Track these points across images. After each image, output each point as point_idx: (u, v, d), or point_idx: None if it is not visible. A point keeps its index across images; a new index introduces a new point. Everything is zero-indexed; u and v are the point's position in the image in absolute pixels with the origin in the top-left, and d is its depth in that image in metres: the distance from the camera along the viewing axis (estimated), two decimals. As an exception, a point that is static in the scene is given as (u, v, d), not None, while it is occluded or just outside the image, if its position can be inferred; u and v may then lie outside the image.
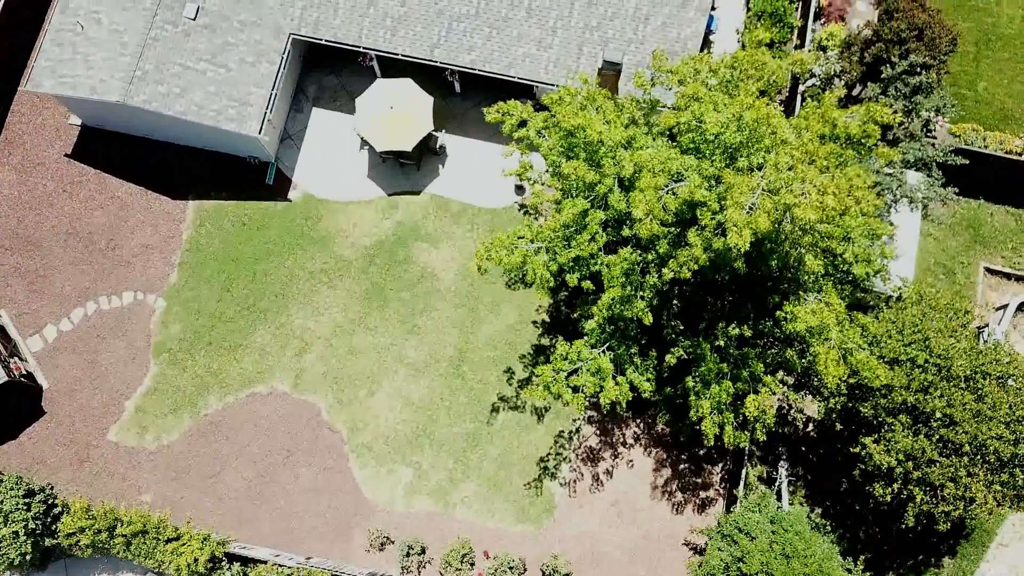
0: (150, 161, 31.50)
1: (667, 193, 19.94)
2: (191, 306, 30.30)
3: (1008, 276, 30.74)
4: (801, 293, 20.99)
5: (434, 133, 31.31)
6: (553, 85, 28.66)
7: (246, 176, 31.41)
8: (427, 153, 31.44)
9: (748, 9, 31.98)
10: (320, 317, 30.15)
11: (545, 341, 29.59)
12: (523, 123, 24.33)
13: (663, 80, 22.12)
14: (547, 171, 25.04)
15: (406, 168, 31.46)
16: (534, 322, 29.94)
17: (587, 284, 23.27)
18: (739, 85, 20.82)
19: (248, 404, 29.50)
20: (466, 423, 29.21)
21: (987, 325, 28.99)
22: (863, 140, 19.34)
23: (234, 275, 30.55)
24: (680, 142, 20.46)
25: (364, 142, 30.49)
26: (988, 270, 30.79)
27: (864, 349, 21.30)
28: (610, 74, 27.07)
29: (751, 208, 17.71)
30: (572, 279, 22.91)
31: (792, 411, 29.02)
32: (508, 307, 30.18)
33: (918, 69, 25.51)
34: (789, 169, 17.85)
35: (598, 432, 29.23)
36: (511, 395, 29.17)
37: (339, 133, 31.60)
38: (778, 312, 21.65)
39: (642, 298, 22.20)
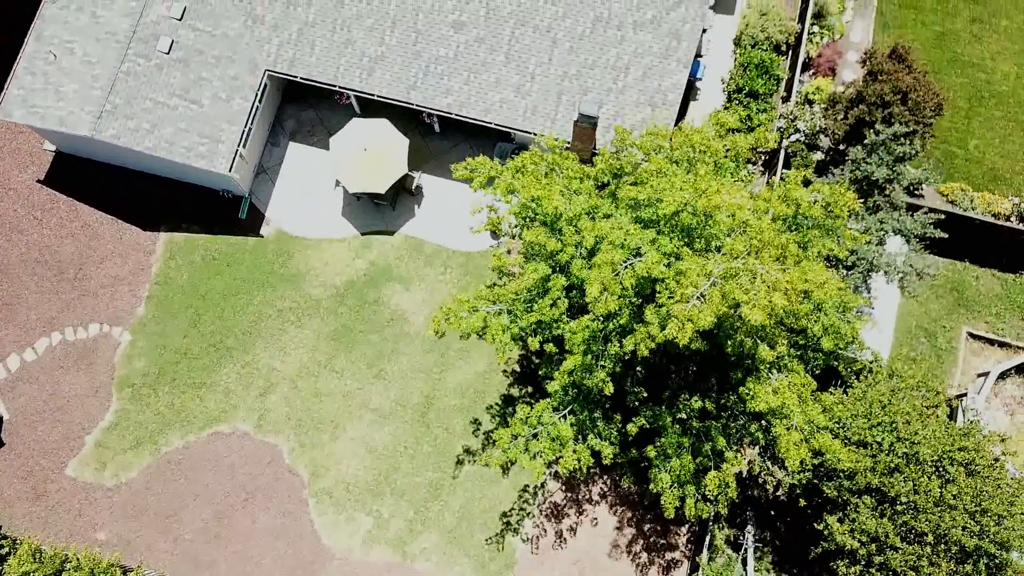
0: (123, 190, 31.10)
1: (626, 268, 19.36)
2: (157, 341, 29.88)
3: (991, 342, 30.02)
4: (763, 370, 20.38)
5: (411, 173, 30.83)
6: (530, 132, 28.16)
7: (219, 209, 30.98)
8: (403, 193, 30.94)
9: (735, 58, 31.37)
10: (287, 357, 29.68)
11: (515, 391, 29.04)
12: (493, 180, 23.79)
13: (627, 156, 21.48)
14: (517, 227, 24.53)
15: (381, 207, 30.96)
16: (504, 371, 29.39)
17: (550, 347, 22.74)
18: (695, 165, 20.20)
19: (210, 443, 29.05)
20: (429, 472, 28.68)
21: (965, 394, 28.29)
22: (827, 224, 18.72)
23: (202, 311, 30.11)
24: (640, 215, 19.88)
25: (339, 180, 30.02)
26: (971, 335, 30.05)
27: (828, 431, 20.68)
28: (586, 127, 26.50)
29: (700, 297, 17.10)
30: (534, 343, 22.38)
31: (762, 473, 28.38)
32: (478, 353, 29.63)
33: (901, 138, 24.83)
34: (744, 255, 17.23)
35: (563, 488, 28.65)
36: (476, 447, 28.63)
37: (314, 169, 31.14)
38: (741, 387, 21.05)
39: (603, 367, 21.62)
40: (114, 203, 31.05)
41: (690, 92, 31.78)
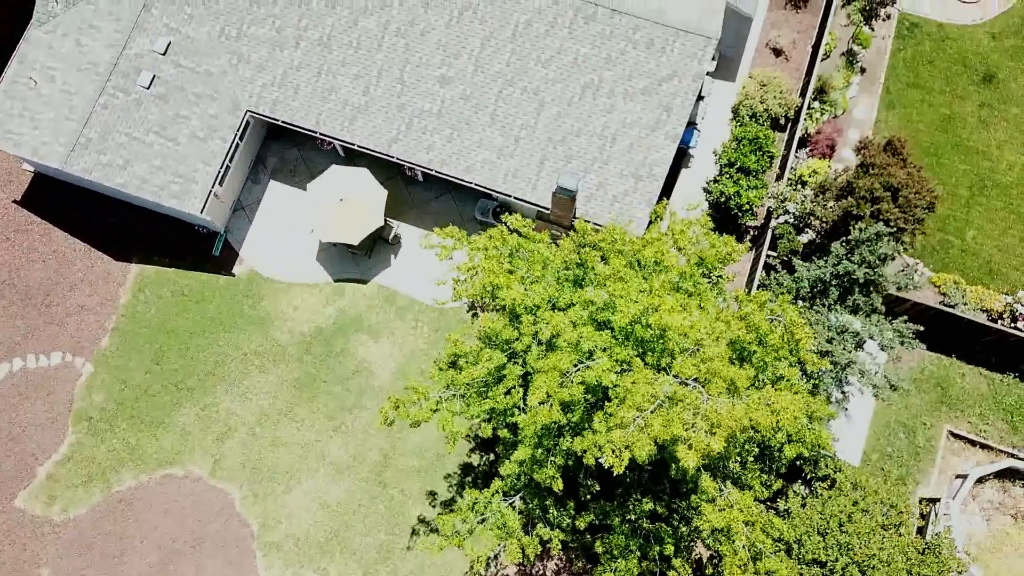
0: (99, 217, 30.63)
1: (577, 371, 18.59)
2: (118, 375, 29.39)
3: (973, 443, 28.97)
4: (711, 491, 19.54)
5: (390, 222, 30.20)
6: (509, 195, 27.43)
7: (193, 244, 30.45)
8: (380, 242, 30.29)
9: (731, 129, 30.49)
10: (247, 402, 29.10)
11: (474, 459, 28.28)
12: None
13: (587, 253, 20.63)
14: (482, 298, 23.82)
15: (356, 255, 30.33)
16: (466, 436, 28.67)
17: (504, 433, 22.03)
18: (650, 278, 19.35)
19: (162, 485, 28.51)
20: (381, 534, 28.01)
21: (939, 499, 27.28)
22: (787, 351, 17.88)
23: (166, 348, 29.60)
24: (597, 317, 19.10)
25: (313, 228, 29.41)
26: (952, 434, 29.01)
27: (777, 554, 19.83)
28: (565, 198, 25.74)
29: (641, 421, 16.30)
30: (486, 430, 21.72)
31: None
32: (443, 413, 28.94)
33: (885, 239, 23.89)
34: (692, 381, 16.44)
35: (517, 562, 27.89)
36: (430, 517, 27.90)
37: (293, 210, 30.54)
38: (692, 496, 20.26)
39: (553, 462, 20.85)
40: (89, 230, 30.61)
41: (682, 159, 30.97)
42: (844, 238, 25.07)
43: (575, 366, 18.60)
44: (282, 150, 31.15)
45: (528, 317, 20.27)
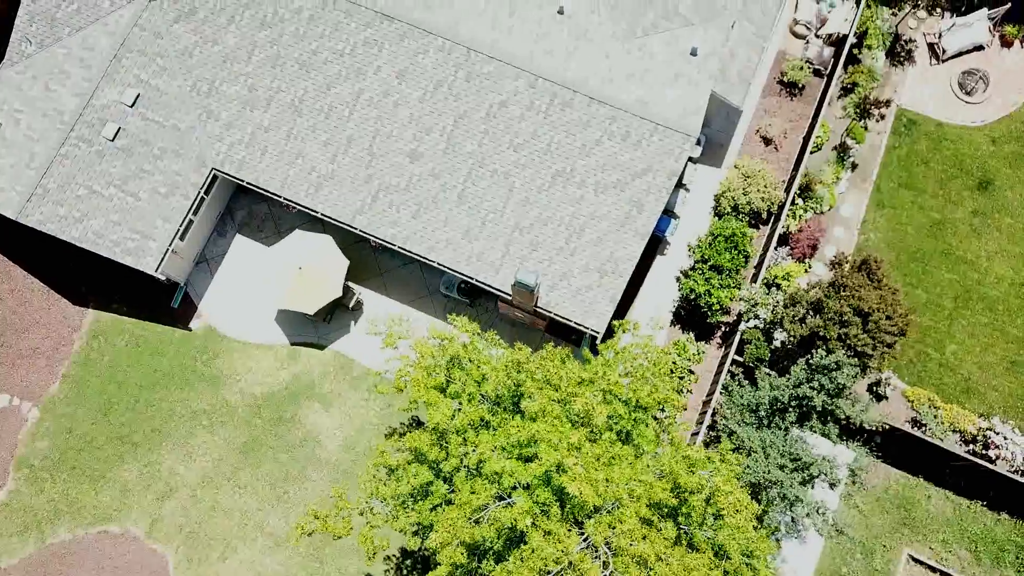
0: (60, 258, 30.16)
1: (493, 509, 17.80)
2: (64, 424, 28.90)
3: (933, 570, 27.88)
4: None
5: (352, 288, 29.54)
6: (472, 278, 26.66)
7: (153, 293, 29.89)
8: (340, 307, 29.62)
9: (710, 222, 29.57)
10: (191, 463, 28.52)
11: (414, 544, 27.52)
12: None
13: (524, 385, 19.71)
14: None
15: (314, 320, 29.68)
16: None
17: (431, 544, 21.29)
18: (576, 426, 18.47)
19: (97, 542, 27.99)
20: (313, 613, 27.41)
21: (890, 630, 26.27)
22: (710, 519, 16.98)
23: (115, 399, 29.08)
24: (523, 453, 18.29)
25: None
26: (912, 558, 27.95)
27: None
28: (524, 292, 24.95)
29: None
30: (412, 543, 21.04)
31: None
32: (389, 490, 28.24)
33: (845, 369, 22.88)
34: (604, 546, 15.61)
35: (448, 653, 27.16)
36: (362, 600, 27.30)
37: (256, 267, 29.91)
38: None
39: (475, 582, 20.11)
40: (49, 271, 30.14)
41: (657, 246, 30.06)
42: (807, 359, 24.08)
43: (494, 501, 17.82)
44: (251, 204, 30.55)
45: (456, 438, 19.51)
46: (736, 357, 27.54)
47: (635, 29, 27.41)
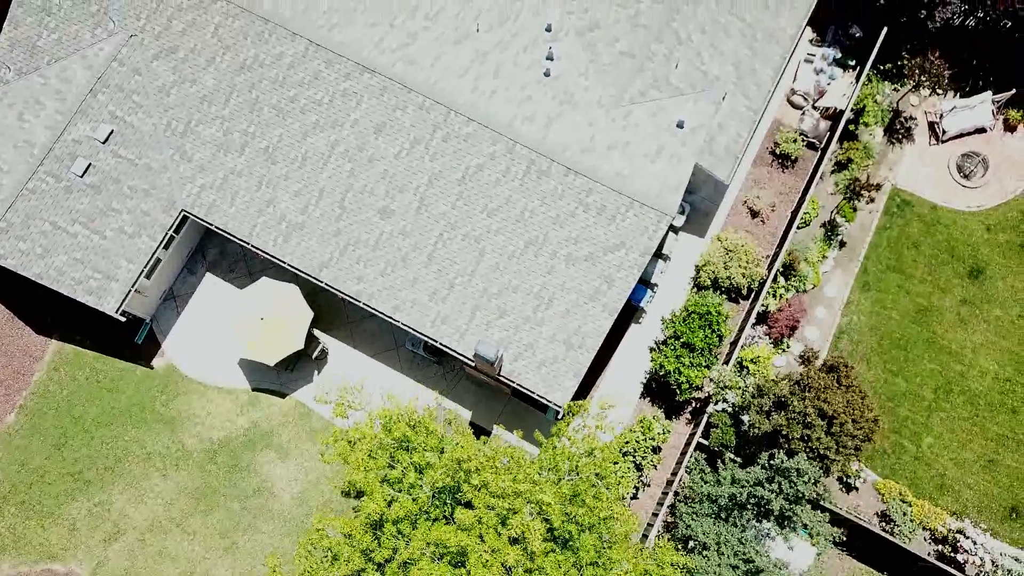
0: (30, 287, 29.66)
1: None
2: (17, 456, 28.48)
3: (890, 673, 27.07)
4: None
5: (318, 337, 29.01)
6: (436, 341, 26.04)
7: (118, 327, 29.37)
8: (304, 356, 29.07)
9: (686, 297, 28.82)
10: (142, 505, 28.04)
11: (359, 605, 27.00)
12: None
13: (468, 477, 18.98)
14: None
15: (278, 367, 29.15)
16: None
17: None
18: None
19: (40, 579, 27.62)
20: (252, 670, 26.88)
21: None
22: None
23: (71, 434, 28.65)
24: (454, 561, 17.65)
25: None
26: (871, 658, 27.15)
27: None
28: (485, 363, 24.31)
29: None
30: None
31: None
32: (340, 547, 27.66)
33: (805, 477, 22.10)
34: None
35: None
36: (302, 661, 26.68)
37: (222, 308, 29.40)
38: None
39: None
40: (15, 298, 29.73)
41: (633, 315, 29.34)
42: (769, 457, 23.30)
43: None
44: (224, 243, 30.04)
45: (391, 527, 18.90)
46: (702, 440, 26.81)
47: (623, 96, 26.71)
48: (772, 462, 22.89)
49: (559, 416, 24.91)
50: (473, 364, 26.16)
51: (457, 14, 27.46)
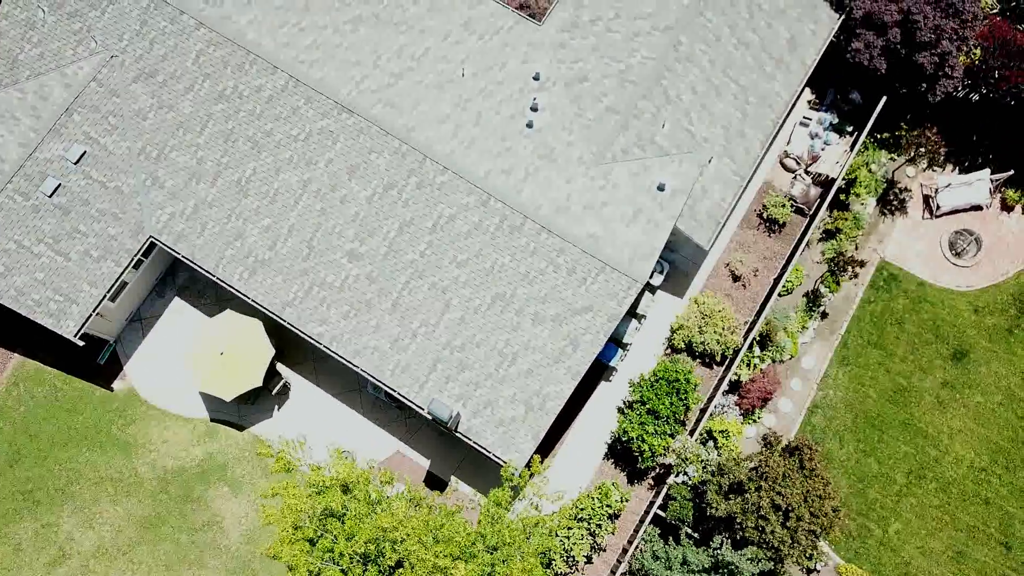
0: (-4, 296, 29.52)
1: None
2: (-31, 470, 28.24)
3: None
4: None
5: (280, 371, 28.54)
6: (394, 390, 25.48)
7: (82, 347, 29.03)
8: (264, 392, 28.60)
9: (656, 361, 28.15)
10: (89, 531, 27.64)
11: (298, 652, 26.49)
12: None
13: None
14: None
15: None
16: (298, 623, 26.86)
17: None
18: None
19: (-19, 598, 27.29)
20: None
21: None
22: None
23: (25, 452, 28.29)
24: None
25: (197, 365, 27.86)
26: None
27: None
28: (439, 423, 23.78)
29: None
30: None
31: None
32: (285, 589, 27.20)
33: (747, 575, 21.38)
34: None
35: None
36: None
37: (188, 334, 28.99)
38: None
39: None
40: (-18, 307, 29.50)
41: (603, 372, 28.69)
42: (721, 543, 22.59)
43: None
44: (195, 268, 29.62)
45: (316, 600, 18.39)
46: (660, 512, 26.14)
47: (605, 153, 26.08)
48: (718, 552, 22.17)
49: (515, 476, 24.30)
50: (430, 418, 25.63)
51: (444, 56, 26.95)
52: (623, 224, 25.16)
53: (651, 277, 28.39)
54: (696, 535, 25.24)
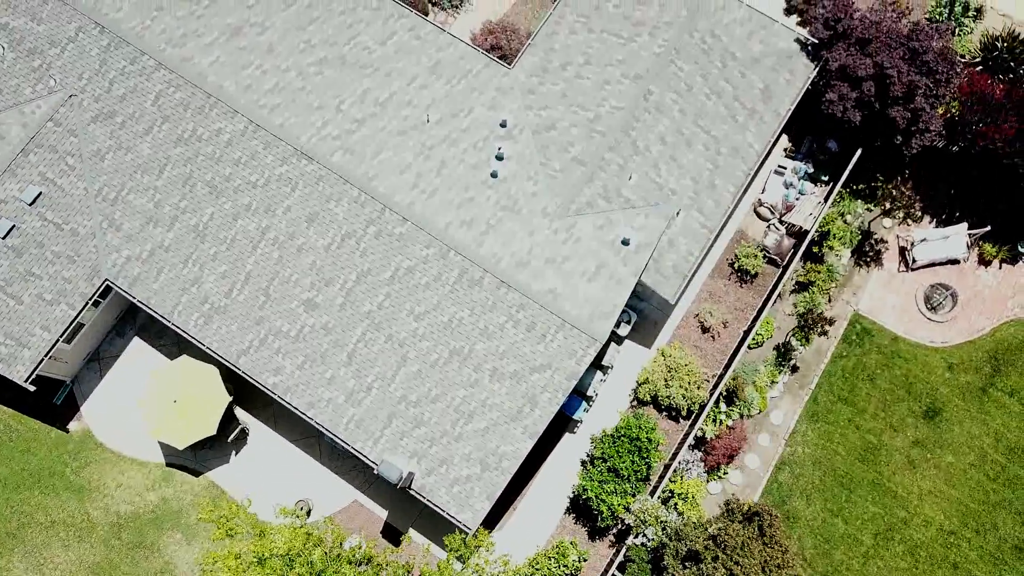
0: (-46, 331, 29.06)
1: None
2: (-81, 510, 27.76)
3: None
4: None
5: (238, 417, 28.03)
6: (347, 444, 24.97)
7: (40, 385, 28.58)
8: (221, 437, 28.09)
9: (635, 400, 27.58)
10: (39, 576, 27.21)
11: None
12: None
13: None
14: None
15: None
16: (248, 677, 26.32)
17: None
18: None
19: (-73, 643, 26.80)
20: None
21: None
22: None
23: (-24, 493, 27.89)
24: None
25: (152, 410, 27.34)
26: None
27: None
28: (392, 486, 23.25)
29: None
30: None
31: None
32: (237, 640, 26.62)
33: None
34: None
35: None
36: None
37: (145, 376, 28.47)
38: None
39: None
40: (-60, 342, 29.03)
41: (567, 425, 28.14)
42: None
43: None
44: (155, 307, 29.18)
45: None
46: (618, 574, 25.57)
47: (570, 205, 25.56)
48: (672, 624, 21.66)
49: (467, 538, 23.78)
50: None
51: (409, 101, 26.46)
52: (584, 280, 24.62)
53: (618, 327, 27.88)
54: (654, 599, 24.69)
